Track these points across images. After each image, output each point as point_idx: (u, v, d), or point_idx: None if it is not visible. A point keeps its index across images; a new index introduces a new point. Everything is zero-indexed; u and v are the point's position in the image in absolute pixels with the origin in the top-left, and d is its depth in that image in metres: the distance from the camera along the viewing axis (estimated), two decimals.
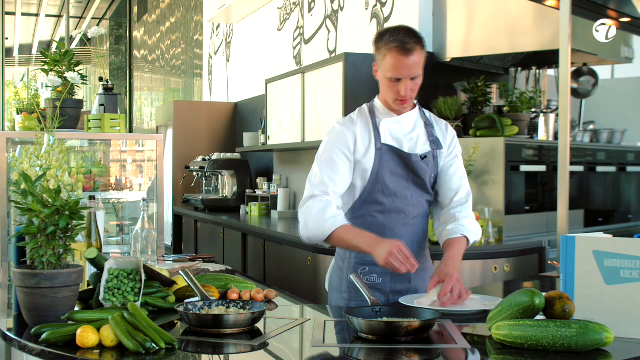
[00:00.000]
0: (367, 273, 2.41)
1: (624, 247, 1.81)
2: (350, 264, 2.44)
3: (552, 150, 4.21)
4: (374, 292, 2.31)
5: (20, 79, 6.87)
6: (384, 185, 2.37)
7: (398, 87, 2.32)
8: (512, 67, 4.71)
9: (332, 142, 2.40)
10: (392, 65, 2.29)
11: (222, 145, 7.40)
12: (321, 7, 5.57)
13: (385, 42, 2.31)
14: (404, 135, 2.42)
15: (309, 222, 2.32)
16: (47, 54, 3.80)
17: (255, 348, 1.76)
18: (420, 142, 2.44)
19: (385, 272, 2.38)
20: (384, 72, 2.33)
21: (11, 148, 3.80)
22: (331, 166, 2.36)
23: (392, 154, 2.38)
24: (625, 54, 4.72)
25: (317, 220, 2.29)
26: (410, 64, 2.28)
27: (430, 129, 2.47)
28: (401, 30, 2.32)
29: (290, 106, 5.28)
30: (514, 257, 3.72)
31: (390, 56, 2.29)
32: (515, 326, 1.69)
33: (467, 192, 2.53)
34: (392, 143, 2.39)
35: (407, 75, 2.30)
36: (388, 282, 2.41)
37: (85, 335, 1.69)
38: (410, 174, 2.40)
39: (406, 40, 2.28)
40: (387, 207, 2.39)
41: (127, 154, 4.47)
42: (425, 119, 2.49)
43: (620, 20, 4.08)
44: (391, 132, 2.41)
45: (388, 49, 2.29)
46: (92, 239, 2.40)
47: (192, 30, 9.09)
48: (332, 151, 2.38)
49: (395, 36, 2.29)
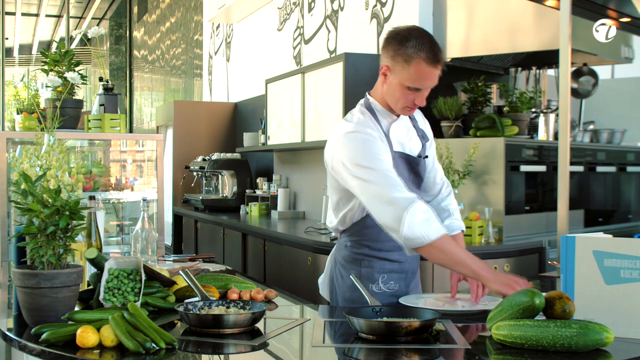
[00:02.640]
0: (386, 281, 2.39)
1: (624, 247, 1.81)
2: (369, 273, 2.36)
3: (552, 150, 4.21)
4: (392, 298, 2.33)
5: (20, 79, 6.87)
6: None
7: (414, 96, 2.22)
8: (512, 67, 4.71)
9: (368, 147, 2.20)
10: (417, 76, 2.17)
11: (222, 145, 7.40)
12: (321, 7, 5.57)
13: (413, 49, 2.16)
14: (404, 137, 2.40)
15: (415, 222, 2.07)
16: (47, 54, 3.80)
17: (255, 348, 1.76)
18: (414, 141, 2.43)
19: (400, 277, 2.39)
20: (403, 79, 2.20)
21: (11, 148, 3.80)
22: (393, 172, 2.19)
23: (402, 159, 2.35)
24: (625, 54, 4.72)
25: (424, 221, 2.08)
26: (435, 74, 2.20)
27: (415, 123, 2.46)
28: (426, 37, 2.20)
29: (290, 106, 5.28)
30: (514, 257, 3.72)
31: (417, 65, 2.16)
32: (515, 326, 1.69)
33: (448, 183, 2.58)
34: (401, 149, 2.36)
35: (429, 86, 2.22)
36: (403, 287, 2.41)
37: (85, 335, 1.69)
38: (412, 175, 2.40)
39: (436, 50, 2.17)
40: None
41: (127, 154, 4.47)
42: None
43: (620, 20, 4.08)
44: (396, 137, 2.36)
45: (417, 57, 2.15)
46: (92, 239, 2.39)
47: (192, 30, 9.09)
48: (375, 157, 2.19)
49: (423, 44, 2.16)
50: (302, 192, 5.81)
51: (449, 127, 4.16)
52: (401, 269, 2.40)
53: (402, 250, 2.21)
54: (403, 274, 2.41)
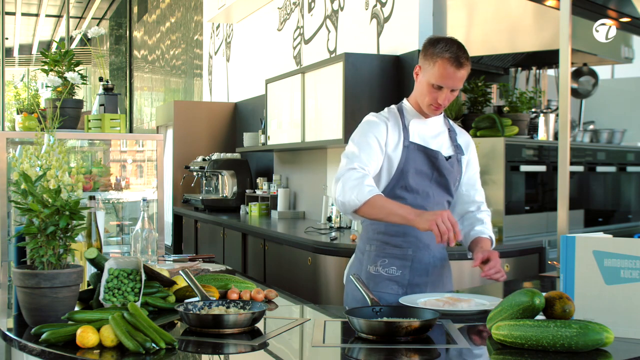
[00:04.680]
0: (387, 265, 2.45)
1: (624, 247, 1.81)
2: (370, 256, 2.49)
3: (552, 150, 4.20)
4: (391, 284, 2.42)
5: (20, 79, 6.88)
6: (407, 182, 2.43)
7: (437, 95, 2.40)
8: (512, 67, 4.71)
9: (368, 128, 2.46)
10: (440, 74, 2.37)
11: (222, 145, 7.40)
12: (321, 7, 5.57)
13: (439, 49, 2.37)
14: (430, 137, 2.51)
15: (346, 188, 2.31)
16: (47, 54, 3.80)
17: (255, 348, 1.76)
18: (445, 145, 2.53)
19: (404, 264, 2.45)
20: (429, 77, 2.39)
21: (11, 148, 3.80)
22: (366, 148, 2.40)
23: (418, 152, 2.45)
24: (625, 54, 4.72)
25: (355, 186, 2.30)
26: (457, 77, 2.37)
27: (453, 135, 2.58)
28: (455, 43, 2.40)
29: (290, 106, 5.28)
30: (514, 257, 3.72)
31: (441, 64, 2.36)
32: (515, 326, 1.69)
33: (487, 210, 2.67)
34: (419, 142, 2.47)
35: (451, 86, 2.39)
36: (407, 274, 2.45)
37: (85, 335, 1.69)
38: (435, 172, 2.47)
39: (459, 54, 2.36)
40: (409, 203, 2.41)
41: (127, 154, 4.47)
42: (449, 126, 2.60)
43: (620, 20, 4.08)
44: (419, 132, 2.49)
45: (442, 57, 2.36)
46: (92, 239, 2.39)
47: (192, 30, 9.10)
48: (367, 135, 2.44)
49: (450, 47, 2.37)
50: (302, 192, 5.81)
51: None
52: (403, 255, 2.45)
53: (405, 237, 2.41)
54: (407, 262, 2.45)
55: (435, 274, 2.51)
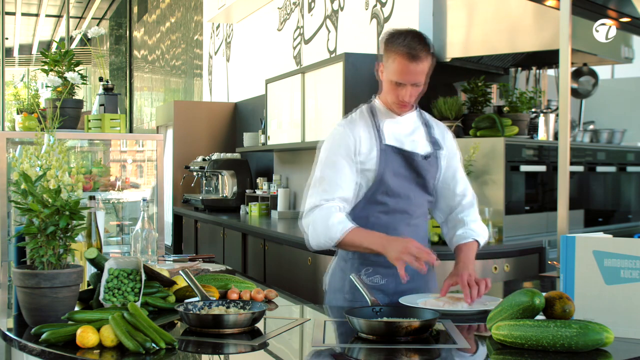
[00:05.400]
0: (371, 274, 2.40)
1: (624, 247, 1.81)
2: (353, 265, 2.43)
3: (552, 150, 4.20)
4: (376, 293, 2.31)
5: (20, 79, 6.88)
6: (388, 187, 2.37)
7: (399, 92, 2.33)
8: (512, 67, 4.71)
9: (335, 145, 2.39)
10: (397, 70, 2.29)
11: (222, 145, 7.40)
12: (321, 7, 5.57)
13: (396, 44, 2.29)
14: (405, 136, 2.43)
15: (318, 231, 2.31)
16: (47, 54, 3.80)
17: (255, 348, 1.76)
18: (421, 142, 2.45)
19: (388, 273, 2.38)
20: (389, 74, 2.33)
21: (11, 148, 3.80)
22: (335, 171, 2.35)
23: (395, 154, 2.38)
24: (625, 54, 4.72)
25: (324, 228, 2.28)
26: (415, 72, 2.28)
27: (429, 130, 2.50)
28: (410, 35, 2.30)
29: (290, 106, 5.27)
30: (514, 257, 3.72)
31: (398, 61, 2.28)
32: (515, 326, 1.69)
33: (472, 196, 2.57)
34: (395, 144, 2.40)
35: (411, 81, 2.30)
36: (392, 283, 2.40)
37: (85, 335, 1.69)
38: (413, 173, 2.41)
39: (415, 47, 2.26)
40: (391, 207, 2.38)
41: (127, 154, 4.47)
42: (424, 120, 2.52)
43: (620, 20, 4.08)
44: (393, 132, 2.42)
45: (397, 53, 2.28)
46: (92, 239, 2.39)
47: (192, 30, 9.10)
48: (335, 155, 2.36)
49: (405, 41, 2.28)
50: (302, 192, 5.80)
51: (449, 127, 4.14)
52: (388, 263, 2.33)
53: None
54: (391, 269, 2.33)
55: (420, 280, 2.44)
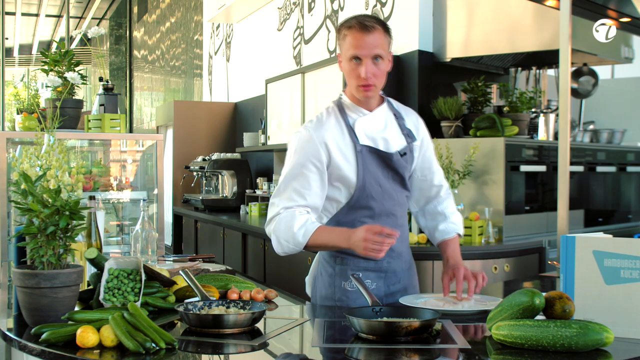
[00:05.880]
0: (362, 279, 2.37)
1: (624, 247, 1.81)
2: (343, 271, 2.35)
3: (552, 150, 4.21)
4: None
5: (20, 79, 6.88)
6: (372, 190, 2.30)
7: (359, 69, 2.25)
8: (512, 67, 4.71)
9: (300, 152, 2.31)
10: (351, 44, 2.24)
11: (222, 145, 7.40)
12: (321, 7, 5.57)
13: (346, 23, 2.29)
14: (378, 133, 2.35)
15: (281, 239, 2.27)
16: (47, 54, 3.80)
17: (255, 348, 1.76)
18: (394, 138, 2.38)
19: (378, 276, 2.35)
20: (345, 53, 2.27)
21: (11, 148, 3.80)
22: (300, 181, 2.27)
23: (372, 155, 2.31)
24: (625, 54, 4.72)
25: (288, 235, 2.24)
26: (369, 42, 2.23)
27: (401, 122, 2.42)
28: (358, 14, 2.32)
29: (290, 106, 5.28)
30: (514, 257, 3.72)
31: (350, 35, 2.25)
32: (515, 326, 1.69)
33: (447, 186, 2.57)
34: (370, 143, 2.32)
35: (367, 54, 2.23)
36: (382, 286, 2.36)
37: (85, 335, 1.69)
38: (391, 172, 2.35)
39: (364, 19, 2.26)
40: (377, 211, 2.32)
41: (127, 154, 4.47)
42: (394, 111, 2.43)
43: (620, 20, 4.09)
44: (366, 131, 2.34)
45: (348, 28, 2.26)
46: (92, 239, 2.39)
47: (192, 30, 9.10)
48: (301, 164, 2.29)
49: (354, 18, 2.28)
50: None
51: (449, 127, 4.17)
52: (378, 267, 2.34)
53: None
54: (382, 273, 2.35)
55: (406, 280, 2.43)
